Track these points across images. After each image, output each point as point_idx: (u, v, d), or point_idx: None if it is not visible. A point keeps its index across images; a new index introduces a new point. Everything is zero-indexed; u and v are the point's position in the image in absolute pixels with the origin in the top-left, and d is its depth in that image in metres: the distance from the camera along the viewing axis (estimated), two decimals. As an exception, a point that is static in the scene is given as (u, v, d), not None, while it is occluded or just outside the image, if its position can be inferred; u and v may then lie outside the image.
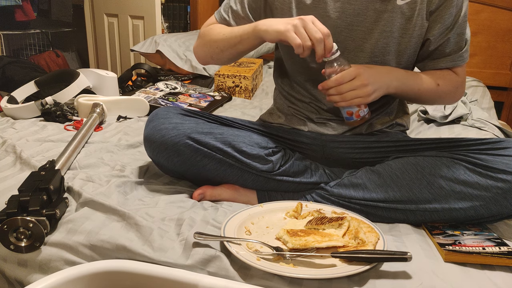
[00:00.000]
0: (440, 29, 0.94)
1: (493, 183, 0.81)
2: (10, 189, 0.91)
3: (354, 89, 0.88)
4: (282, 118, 1.10)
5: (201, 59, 1.11)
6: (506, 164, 0.82)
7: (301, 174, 0.98)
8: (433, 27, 0.94)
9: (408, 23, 0.93)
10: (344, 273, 0.66)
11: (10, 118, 1.45)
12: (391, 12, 0.92)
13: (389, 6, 0.92)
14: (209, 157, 0.92)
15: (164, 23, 3.03)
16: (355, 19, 0.94)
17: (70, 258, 0.74)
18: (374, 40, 0.94)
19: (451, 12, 0.92)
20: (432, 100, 1.02)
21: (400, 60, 0.98)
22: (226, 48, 1.01)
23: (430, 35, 0.95)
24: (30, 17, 3.10)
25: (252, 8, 1.05)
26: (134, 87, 1.97)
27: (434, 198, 0.85)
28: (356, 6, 0.93)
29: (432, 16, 0.93)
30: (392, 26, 0.93)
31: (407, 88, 0.96)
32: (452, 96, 1.02)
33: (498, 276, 0.70)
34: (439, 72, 0.99)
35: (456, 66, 0.99)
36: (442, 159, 0.87)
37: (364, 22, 0.94)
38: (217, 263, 0.71)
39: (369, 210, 0.89)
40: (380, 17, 0.93)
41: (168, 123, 0.92)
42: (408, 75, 0.96)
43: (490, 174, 0.82)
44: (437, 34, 0.95)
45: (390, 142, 1.00)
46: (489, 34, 2.36)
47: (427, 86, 0.97)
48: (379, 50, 0.95)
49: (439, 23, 0.93)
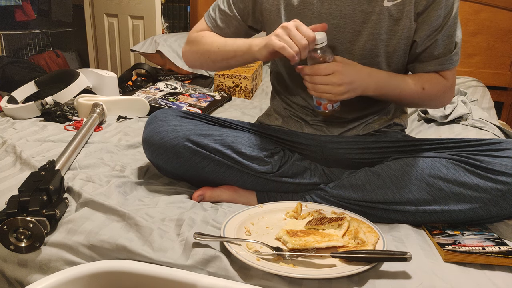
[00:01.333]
0: (427, 31, 0.92)
1: (492, 185, 0.81)
2: (10, 189, 0.91)
3: (328, 84, 0.87)
4: (279, 120, 1.10)
5: (190, 64, 1.11)
6: (505, 166, 0.82)
7: (301, 175, 0.98)
8: (420, 28, 0.93)
9: (396, 25, 0.92)
10: (343, 273, 0.66)
11: (10, 118, 1.45)
12: (379, 14, 0.91)
13: (377, 8, 0.91)
14: (208, 159, 0.92)
15: (164, 23, 3.03)
16: (342, 21, 0.93)
17: (70, 258, 0.74)
18: (362, 42, 0.94)
19: (439, 14, 0.91)
20: (416, 104, 1.01)
21: (390, 62, 0.96)
22: (219, 60, 1.02)
23: (416, 37, 0.94)
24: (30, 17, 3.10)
25: (239, 8, 1.04)
26: (134, 87, 1.97)
27: (434, 200, 0.85)
28: (343, 7, 0.93)
29: (419, 18, 0.92)
30: (380, 28, 0.92)
31: (387, 92, 0.94)
32: (439, 100, 1.01)
33: (498, 276, 0.70)
34: (427, 75, 0.98)
35: (445, 70, 0.97)
36: (441, 160, 0.87)
37: (351, 24, 0.93)
38: (217, 263, 0.71)
39: (368, 211, 0.89)
40: (368, 18, 0.92)
41: (167, 126, 0.92)
42: (391, 78, 0.94)
43: (490, 176, 0.82)
44: (424, 36, 0.93)
45: (389, 142, 0.99)
46: (489, 34, 2.36)
47: (410, 89, 0.95)
48: (367, 52, 0.94)
49: (426, 24, 0.92)
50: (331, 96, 0.88)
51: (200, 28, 1.10)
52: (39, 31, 3.37)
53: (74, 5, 3.44)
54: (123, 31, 2.94)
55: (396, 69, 0.98)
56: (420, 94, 0.96)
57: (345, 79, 0.87)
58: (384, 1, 0.91)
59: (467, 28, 2.37)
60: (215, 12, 1.07)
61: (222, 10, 1.06)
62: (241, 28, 1.07)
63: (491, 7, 2.31)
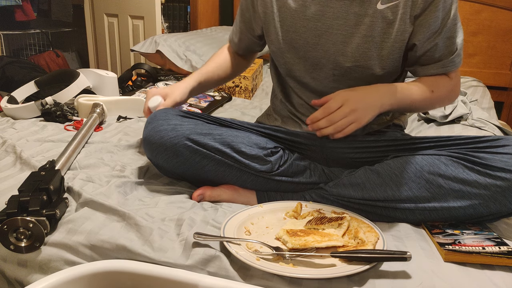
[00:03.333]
0: (426, 34, 0.92)
1: (492, 181, 0.81)
2: (10, 189, 0.91)
3: (346, 116, 0.85)
4: (279, 120, 1.11)
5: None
6: (504, 162, 0.82)
7: (300, 174, 0.98)
8: (418, 31, 0.92)
9: (389, 28, 0.92)
10: (343, 273, 0.66)
11: (10, 118, 1.45)
12: (372, 17, 0.91)
13: (370, 10, 0.91)
14: (208, 158, 0.92)
15: (164, 23, 3.03)
16: (335, 23, 0.93)
17: (70, 258, 0.74)
18: (355, 45, 0.93)
19: (437, 16, 0.90)
20: (427, 107, 1.01)
21: (384, 65, 0.96)
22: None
23: (415, 40, 0.93)
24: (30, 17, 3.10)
25: (247, 18, 1.12)
26: (134, 87, 1.97)
27: (433, 197, 0.85)
28: (336, 9, 0.93)
29: (417, 21, 0.91)
30: (373, 30, 0.92)
31: (400, 102, 0.93)
32: (446, 100, 1.02)
33: (498, 276, 0.70)
34: (433, 78, 0.98)
35: (447, 72, 0.97)
36: (440, 157, 0.87)
37: (344, 26, 0.93)
38: (217, 263, 0.71)
39: (368, 210, 0.89)
40: (361, 21, 0.92)
41: (167, 125, 0.92)
42: (399, 88, 0.93)
43: (489, 172, 0.82)
44: (423, 39, 0.93)
45: (388, 141, 1.00)
46: (489, 34, 2.36)
47: (420, 95, 0.95)
48: (360, 55, 0.94)
49: (424, 27, 0.91)
50: (356, 125, 0.86)
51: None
52: (39, 31, 3.37)
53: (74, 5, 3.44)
54: (123, 31, 2.94)
55: (391, 72, 0.98)
56: (430, 97, 0.96)
57: (359, 103, 0.86)
58: (378, 3, 0.90)
59: (467, 28, 2.37)
60: (235, 26, 1.17)
61: (236, 24, 1.15)
62: (251, 40, 1.16)
63: (492, 7, 2.31)
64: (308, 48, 0.98)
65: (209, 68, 1.17)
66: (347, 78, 0.98)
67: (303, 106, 1.06)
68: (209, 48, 2.31)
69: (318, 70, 1.00)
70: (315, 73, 1.01)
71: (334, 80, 1.00)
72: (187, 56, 2.20)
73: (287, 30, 0.99)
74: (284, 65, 1.04)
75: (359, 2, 0.91)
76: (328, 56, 0.97)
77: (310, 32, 0.96)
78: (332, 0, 0.93)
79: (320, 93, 1.02)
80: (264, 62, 2.59)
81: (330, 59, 0.97)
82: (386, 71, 0.97)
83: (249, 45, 1.19)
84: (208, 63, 1.19)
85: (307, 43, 0.98)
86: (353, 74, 0.97)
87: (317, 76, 1.01)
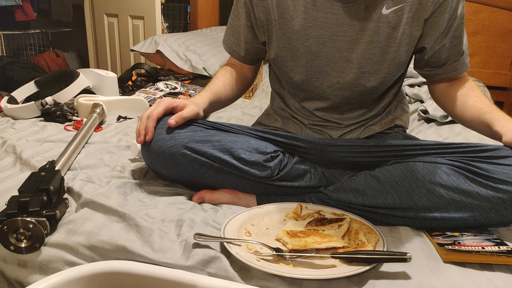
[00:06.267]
0: (435, 36, 0.92)
1: (493, 194, 0.80)
2: (10, 190, 0.91)
3: None
4: (279, 121, 1.10)
5: None
6: (506, 174, 0.80)
7: (300, 178, 0.97)
8: (428, 34, 0.92)
9: (394, 32, 0.91)
10: (343, 274, 0.66)
11: (10, 118, 1.45)
12: (377, 22, 0.90)
13: (375, 16, 0.90)
14: (206, 165, 0.90)
15: (164, 23, 3.03)
16: (339, 29, 0.93)
17: (70, 259, 0.74)
18: (360, 51, 0.93)
19: (445, 18, 0.90)
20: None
21: (391, 69, 0.96)
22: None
23: (425, 43, 0.93)
24: (30, 17, 3.10)
25: (248, 26, 1.07)
26: (134, 87, 1.97)
27: (434, 207, 0.83)
28: (340, 15, 0.92)
29: (426, 23, 0.91)
30: (379, 36, 0.91)
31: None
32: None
33: (497, 277, 0.70)
34: (467, 88, 1.00)
35: (460, 73, 0.98)
36: (442, 166, 0.85)
37: (348, 32, 0.92)
38: (217, 264, 0.71)
39: (368, 216, 0.88)
40: (366, 26, 0.91)
41: (165, 133, 0.91)
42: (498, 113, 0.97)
43: (491, 184, 0.80)
44: (432, 41, 0.93)
45: (389, 146, 0.97)
46: (489, 34, 2.36)
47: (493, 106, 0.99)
48: (366, 61, 0.94)
49: (433, 30, 0.91)
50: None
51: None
52: (39, 31, 3.37)
53: (74, 5, 3.44)
54: (123, 31, 2.94)
55: (394, 74, 0.98)
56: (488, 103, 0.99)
57: None
58: (383, 8, 0.90)
59: (467, 28, 2.37)
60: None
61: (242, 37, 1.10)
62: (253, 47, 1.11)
63: (491, 7, 2.32)
64: (311, 56, 0.97)
65: (219, 87, 1.14)
66: (352, 85, 0.98)
67: (303, 111, 1.05)
68: (209, 48, 2.31)
69: (321, 79, 0.99)
70: (318, 82, 1.00)
71: (339, 88, 0.99)
72: (187, 56, 2.20)
73: (288, 37, 0.98)
74: (286, 73, 1.03)
75: (364, 7, 0.90)
76: (332, 64, 0.96)
77: (313, 39, 0.95)
78: (335, 7, 0.92)
79: (323, 100, 1.02)
80: (264, 62, 2.59)
81: (334, 67, 0.96)
82: (392, 75, 0.96)
83: (256, 53, 1.13)
84: (214, 83, 1.15)
85: (310, 51, 0.96)
86: (359, 80, 0.97)
87: (320, 84, 1.00)
